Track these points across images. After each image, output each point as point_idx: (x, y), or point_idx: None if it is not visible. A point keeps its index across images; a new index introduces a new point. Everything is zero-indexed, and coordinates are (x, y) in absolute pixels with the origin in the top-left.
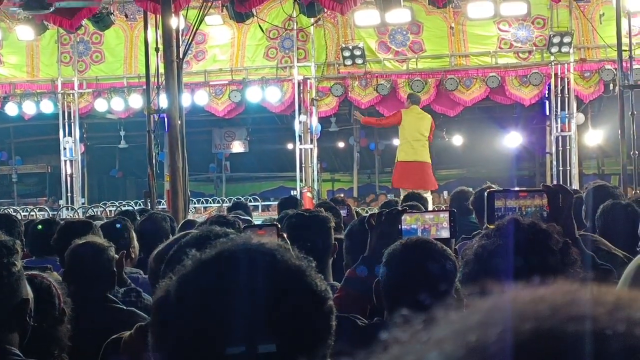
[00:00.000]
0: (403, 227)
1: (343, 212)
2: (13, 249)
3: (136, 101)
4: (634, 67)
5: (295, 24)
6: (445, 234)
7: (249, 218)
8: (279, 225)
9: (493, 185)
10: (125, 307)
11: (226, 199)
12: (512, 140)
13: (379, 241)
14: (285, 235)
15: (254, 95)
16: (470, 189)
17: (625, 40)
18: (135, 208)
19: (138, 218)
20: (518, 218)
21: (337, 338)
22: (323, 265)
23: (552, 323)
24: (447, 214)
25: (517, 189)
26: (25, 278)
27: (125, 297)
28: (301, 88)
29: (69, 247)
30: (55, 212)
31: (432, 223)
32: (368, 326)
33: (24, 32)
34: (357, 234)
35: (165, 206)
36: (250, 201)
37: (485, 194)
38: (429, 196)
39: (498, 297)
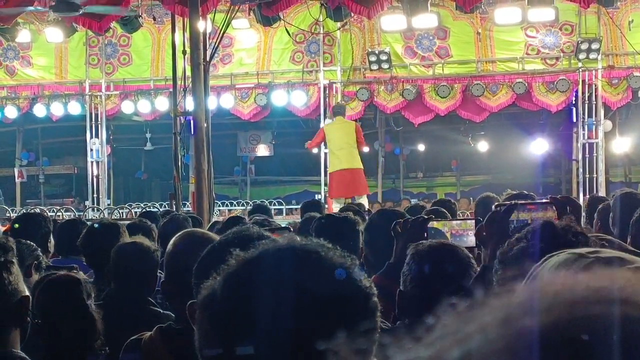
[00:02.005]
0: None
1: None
2: (7, 246)
3: (162, 104)
4: None
5: (321, 28)
6: (472, 242)
7: (274, 221)
8: (292, 229)
9: (513, 192)
10: (162, 311)
11: (250, 202)
12: (538, 146)
13: (405, 248)
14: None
15: (279, 98)
16: (495, 195)
17: None
18: (160, 210)
19: (160, 219)
20: (552, 221)
21: None
22: None
23: (585, 307)
24: (473, 222)
25: (523, 201)
26: (22, 275)
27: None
28: (327, 92)
29: (116, 245)
30: (82, 213)
31: (459, 229)
32: (391, 329)
33: (53, 34)
34: (376, 227)
35: (190, 208)
36: (275, 205)
37: (493, 207)
38: (364, 200)
39: (538, 281)
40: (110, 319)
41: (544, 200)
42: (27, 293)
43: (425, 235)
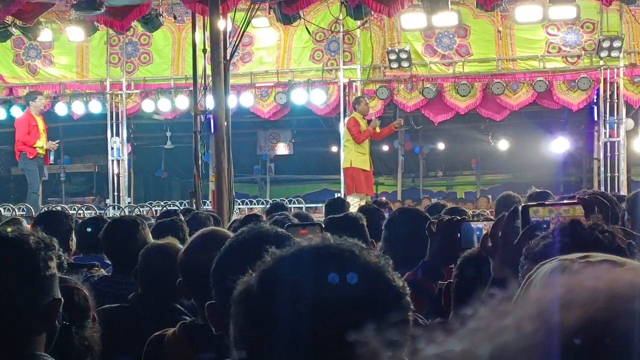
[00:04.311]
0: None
1: (386, 214)
2: (51, 245)
3: (183, 102)
4: None
5: (341, 26)
6: None
7: (293, 219)
8: (322, 225)
9: (538, 190)
10: (188, 318)
11: (270, 201)
12: (559, 145)
13: (440, 248)
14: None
15: (299, 97)
16: (516, 194)
17: None
18: (180, 208)
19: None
20: (579, 219)
21: None
22: None
23: (626, 303)
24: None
25: (551, 201)
26: (58, 279)
27: None
28: (347, 91)
29: (144, 247)
30: (102, 211)
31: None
32: (431, 325)
33: (75, 33)
34: (397, 224)
35: (210, 207)
36: (294, 203)
37: (520, 208)
38: (353, 200)
39: (575, 276)
40: (136, 323)
41: (570, 201)
42: (60, 296)
43: (459, 235)
